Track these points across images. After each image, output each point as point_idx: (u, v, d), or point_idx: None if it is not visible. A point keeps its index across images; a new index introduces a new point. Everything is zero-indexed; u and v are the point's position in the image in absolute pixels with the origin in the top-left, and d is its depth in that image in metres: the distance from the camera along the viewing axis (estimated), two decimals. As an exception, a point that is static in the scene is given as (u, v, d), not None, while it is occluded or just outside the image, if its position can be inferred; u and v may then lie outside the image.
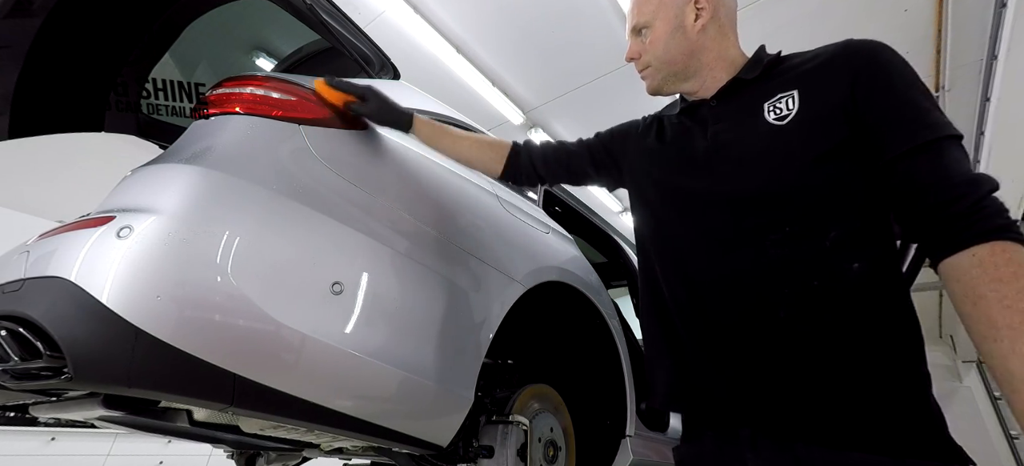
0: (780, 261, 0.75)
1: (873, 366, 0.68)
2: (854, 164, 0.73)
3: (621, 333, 1.84)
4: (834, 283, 0.71)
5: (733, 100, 0.89)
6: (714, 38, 0.92)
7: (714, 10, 0.91)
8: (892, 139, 0.70)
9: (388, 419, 1.05)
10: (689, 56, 0.92)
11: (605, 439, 1.82)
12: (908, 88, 0.72)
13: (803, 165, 0.75)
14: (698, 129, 0.91)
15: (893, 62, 0.75)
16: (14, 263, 0.86)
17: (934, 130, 0.68)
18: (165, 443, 4.43)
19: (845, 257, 0.71)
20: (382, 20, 3.54)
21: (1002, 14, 2.79)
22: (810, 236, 0.73)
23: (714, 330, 0.80)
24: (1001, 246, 0.61)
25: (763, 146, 0.80)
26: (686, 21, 0.91)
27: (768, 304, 0.75)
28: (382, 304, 1.04)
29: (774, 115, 0.80)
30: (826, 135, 0.74)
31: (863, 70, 0.75)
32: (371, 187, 1.12)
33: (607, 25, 3.59)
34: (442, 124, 1.28)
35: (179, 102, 1.79)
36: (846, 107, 0.74)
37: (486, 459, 1.32)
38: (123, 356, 0.73)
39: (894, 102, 0.72)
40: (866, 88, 0.73)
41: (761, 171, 0.79)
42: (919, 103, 0.71)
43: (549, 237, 1.70)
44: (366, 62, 1.46)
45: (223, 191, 0.91)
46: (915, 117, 0.70)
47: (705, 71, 0.93)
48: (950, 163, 0.67)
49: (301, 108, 1.09)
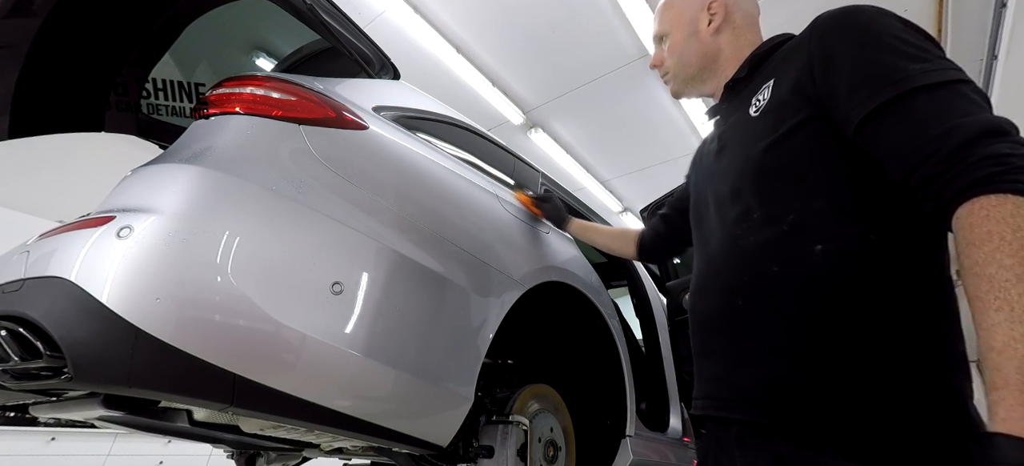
0: (747, 249, 0.74)
1: (842, 358, 0.63)
2: (820, 141, 0.69)
3: (621, 333, 1.84)
4: (792, 268, 0.68)
5: (732, 101, 0.92)
6: (729, 41, 0.94)
7: (727, 14, 0.94)
8: (852, 106, 0.64)
9: (388, 419, 1.05)
10: (704, 59, 0.95)
11: (605, 439, 1.82)
12: (869, 46, 0.65)
13: (760, 151, 0.74)
14: (715, 131, 0.96)
15: (851, 24, 0.69)
16: (14, 263, 0.86)
17: (899, 84, 0.60)
18: (165, 443, 4.43)
19: (806, 240, 0.67)
20: (382, 20, 3.54)
21: (1002, 14, 2.78)
22: (771, 222, 0.71)
23: (701, 326, 0.83)
24: (979, 203, 0.52)
25: (740, 138, 0.82)
26: (700, 26, 0.95)
27: (731, 293, 0.75)
28: (382, 304, 1.04)
29: (754, 108, 0.81)
30: (783, 119, 0.73)
31: (817, 42, 0.71)
32: (371, 187, 1.12)
33: (607, 25, 3.59)
34: (588, 223, 1.62)
35: (179, 102, 1.79)
36: (803, 86, 0.71)
37: (486, 459, 1.32)
38: (123, 356, 0.73)
39: (851, 65, 0.66)
40: (821, 60, 0.69)
41: (735, 163, 0.80)
42: (881, 60, 0.63)
43: (549, 237, 1.70)
44: (366, 62, 1.45)
45: (223, 191, 0.91)
46: (875, 75, 0.63)
47: (720, 73, 0.95)
48: (918, 118, 0.59)
49: (301, 108, 1.09)
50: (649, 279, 2.42)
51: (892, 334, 0.61)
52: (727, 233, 0.79)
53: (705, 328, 0.82)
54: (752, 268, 0.73)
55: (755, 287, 0.72)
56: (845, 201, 0.67)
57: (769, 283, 0.70)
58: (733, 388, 0.74)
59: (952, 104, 0.58)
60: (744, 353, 0.73)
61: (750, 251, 0.74)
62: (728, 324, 0.76)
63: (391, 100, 1.43)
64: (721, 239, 0.80)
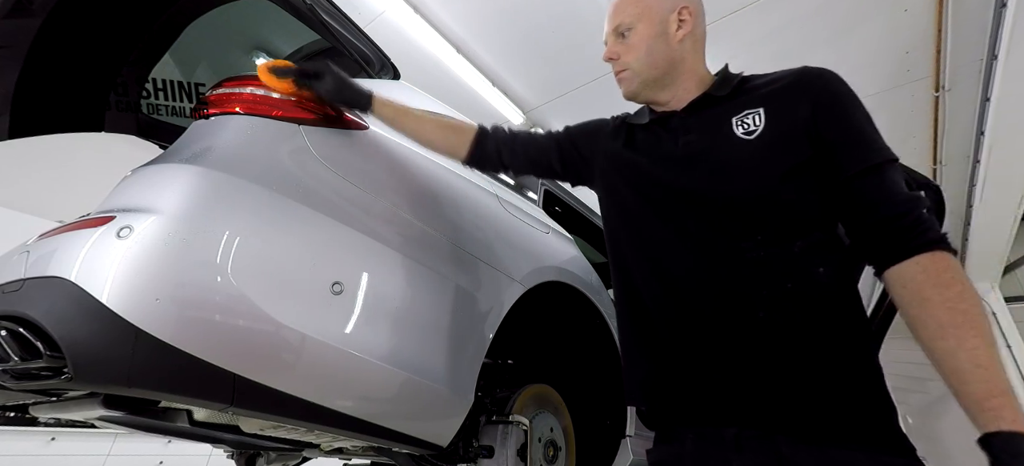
0: (757, 264, 0.79)
1: (838, 361, 0.75)
2: (814, 180, 0.81)
3: (621, 333, 1.84)
4: (805, 285, 0.77)
5: (702, 114, 0.92)
6: (690, 51, 0.96)
7: (693, 25, 0.95)
8: (848, 160, 0.79)
9: (388, 419, 1.05)
10: (669, 64, 0.95)
11: (605, 439, 1.82)
12: (859, 115, 0.82)
13: (773, 179, 0.81)
14: (669, 137, 0.94)
15: (846, 92, 0.84)
16: (14, 263, 0.86)
17: (880, 154, 0.78)
18: (165, 443, 4.43)
19: (812, 262, 0.78)
20: (382, 20, 3.54)
21: (1002, 14, 2.78)
22: (780, 243, 0.79)
23: (692, 326, 0.83)
24: (941, 255, 0.70)
25: (735, 156, 0.85)
26: (669, 28, 0.94)
27: (748, 304, 0.79)
28: (382, 304, 1.04)
29: (742, 129, 0.86)
30: (792, 152, 0.81)
31: (822, 95, 0.83)
32: (371, 187, 1.12)
33: (607, 25, 3.59)
34: (405, 106, 1.18)
35: (179, 102, 1.79)
36: (808, 129, 0.81)
37: (486, 459, 1.32)
38: (123, 356, 0.73)
39: (847, 127, 0.81)
40: (825, 112, 0.81)
41: (735, 179, 0.84)
42: (866, 129, 0.81)
43: (549, 237, 1.70)
44: (366, 62, 1.46)
45: (223, 191, 0.91)
46: (864, 141, 0.80)
47: (680, 82, 0.96)
48: (892, 184, 0.77)
49: (301, 108, 1.09)
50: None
51: (862, 339, 0.78)
52: (721, 244, 0.82)
53: (711, 336, 0.80)
54: (769, 284, 0.78)
55: (774, 301, 0.77)
56: (830, 237, 0.81)
57: (785, 297, 0.77)
58: (748, 395, 0.77)
59: (900, 178, 0.78)
60: (766, 361, 0.76)
61: (764, 267, 0.79)
62: (747, 335, 0.78)
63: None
64: (716, 246, 0.82)
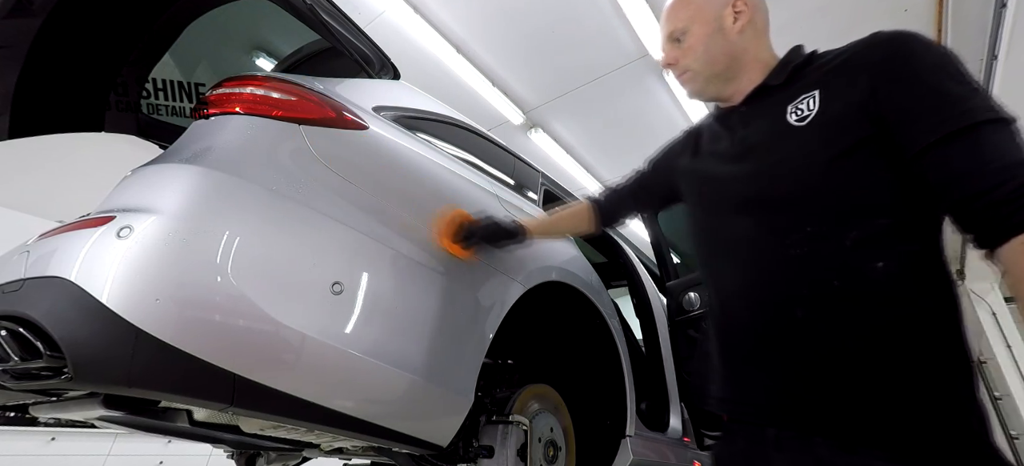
0: (799, 261, 0.75)
1: (895, 366, 0.67)
2: (878, 161, 0.71)
3: (621, 333, 1.84)
4: (855, 283, 0.70)
5: (760, 104, 0.89)
6: (752, 40, 0.92)
7: (752, 13, 0.92)
8: (918, 131, 0.67)
9: (388, 419, 1.05)
10: (730, 58, 0.93)
11: (605, 439, 1.82)
12: (935, 75, 0.69)
13: (821, 165, 0.74)
14: (727, 135, 0.93)
15: (916, 51, 0.71)
16: (14, 263, 0.86)
17: (967, 116, 0.65)
18: (165, 443, 4.43)
19: (868, 256, 0.70)
20: (382, 20, 3.54)
21: (1002, 14, 2.78)
22: (831, 236, 0.73)
23: (738, 330, 0.83)
24: None
25: (784, 147, 0.80)
26: (726, 23, 0.92)
27: (787, 304, 0.75)
28: (382, 304, 1.04)
29: (795, 116, 0.80)
30: (844, 134, 0.73)
31: (882, 63, 0.72)
32: (371, 187, 1.12)
33: (607, 25, 3.59)
34: (543, 219, 1.48)
35: (179, 102, 1.79)
36: (866, 105, 0.72)
37: (486, 459, 1.32)
38: (123, 356, 0.73)
39: (918, 93, 0.69)
40: (886, 82, 0.71)
41: (782, 172, 0.79)
42: (948, 90, 0.67)
43: (549, 237, 1.70)
44: (366, 62, 1.46)
45: (223, 191, 0.91)
46: (943, 105, 0.67)
47: (744, 74, 0.93)
48: (988, 148, 0.63)
49: (301, 108, 1.09)
50: (649, 279, 2.42)
51: (939, 346, 0.67)
52: (771, 243, 0.79)
53: (749, 336, 0.81)
54: (810, 281, 0.74)
55: (816, 300, 0.73)
56: (905, 222, 0.70)
57: (830, 296, 0.72)
58: (784, 396, 0.75)
59: (1010, 143, 0.63)
60: (802, 363, 0.74)
61: (806, 263, 0.74)
62: (784, 335, 0.76)
63: (391, 100, 1.43)
64: (762, 248, 0.80)
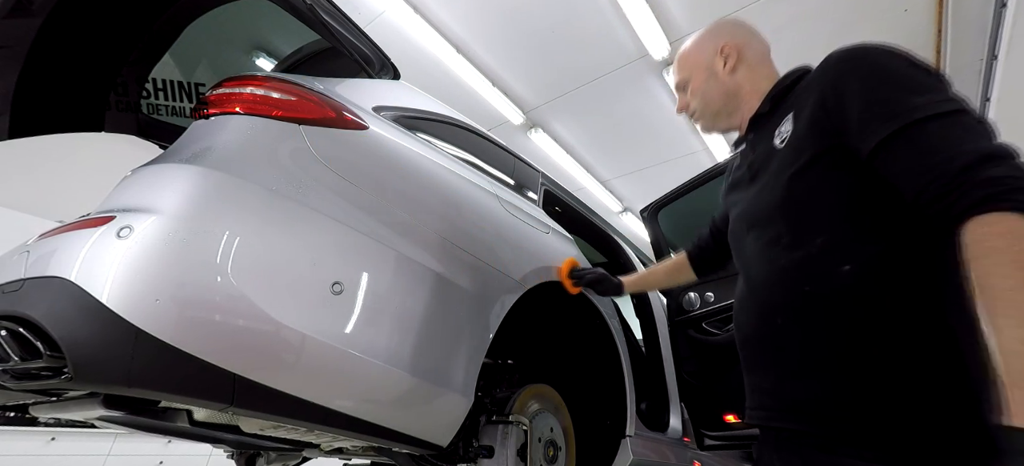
0: (781, 271, 0.82)
1: (865, 365, 0.70)
2: (837, 171, 0.76)
3: (621, 333, 1.84)
4: (824, 287, 0.75)
5: (759, 131, 0.98)
6: (746, 77, 1.02)
7: (740, 54, 1.03)
8: (866, 136, 0.71)
9: (388, 419, 1.05)
10: (727, 96, 1.03)
11: (605, 439, 1.82)
12: (876, 82, 0.72)
13: (788, 180, 0.82)
14: (744, 160, 1.03)
15: (859, 63, 0.76)
16: (14, 263, 0.86)
17: (906, 116, 0.67)
18: (165, 443, 4.43)
19: (835, 261, 0.74)
20: (382, 20, 3.54)
21: (1002, 14, 2.78)
22: (802, 245, 0.79)
23: (744, 340, 0.92)
24: (979, 221, 0.59)
25: (771, 168, 0.88)
26: (717, 68, 1.04)
27: (771, 312, 0.83)
28: (382, 304, 1.04)
29: (779, 139, 0.88)
30: (805, 150, 0.80)
31: (831, 79, 0.78)
32: (371, 187, 1.12)
33: (607, 25, 3.59)
34: (642, 275, 1.65)
35: (179, 102, 1.79)
36: (820, 120, 0.78)
37: (486, 459, 1.32)
38: (123, 356, 0.73)
39: (862, 101, 0.72)
40: (834, 96, 0.76)
41: (766, 191, 0.88)
42: (888, 95, 0.70)
43: (549, 237, 1.70)
44: (366, 62, 1.46)
45: (223, 191, 0.91)
46: (884, 110, 0.70)
47: (743, 105, 1.02)
48: (924, 144, 0.65)
49: (301, 108, 1.09)
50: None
51: (910, 342, 0.68)
52: (762, 256, 0.87)
53: (750, 344, 0.91)
54: (787, 289, 0.80)
55: (791, 307, 0.79)
56: (865, 225, 0.74)
57: (804, 302, 0.77)
58: (777, 399, 0.83)
59: (954, 133, 0.64)
60: (786, 367, 0.81)
61: (784, 272, 0.81)
62: (770, 341, 0.84)
63: (391, 100, 1.43)
64: (757, 261, 0.89)
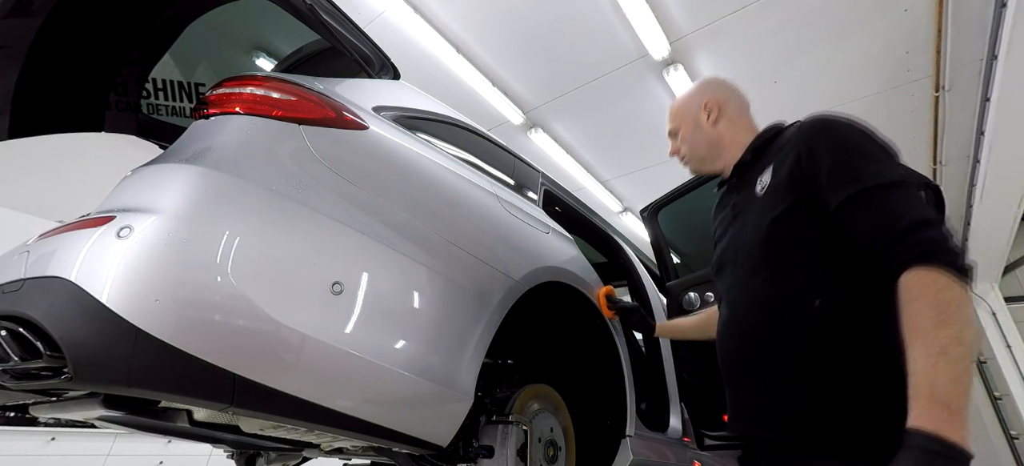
0: (763, 301, 0.96)
1: (836, 385, 0.84)
2: (810, 219, 0.90)
3: (621, 333, 1.84)
4: (799, 317, 0.89)
5: (742, 177, 1.13)
6: (727, 129, 1.18)
7: (721, 108, 1.19)
8: (830, 195, 0.87)
9: (388, 419, 1.05)
10: (709, 145, 1.20)
11: (605, 439, 1.82)
12: (843, 152, 0.88)
13: (768, 224, 0.96)
14: (729, 201, 1.17)
15: (829, 135, 0.91)
16: (14, 263, 0.86)
17: (862, 182, 0.83)
18: (165, 443, 4.43)
19: (808, 295, 0.89)
20: (382, 20, 3.54)
21: (1002, 14, 2.78)
22: (780, 280, 0.94)
23: (729, 361, 1.04)
24: (912, 272, 0.75)
25: (752, 211, 1.03)
26: (701, 120, 1.20)
27: (752, 336, 0.97)
28: (382, 304, 1.04)
29: (760, 187, 1.03)
30: (782, 200, 0.95)
31: (805, 142, 0.93)
32: (371, 187, 1.12)
33: (607, 25, 3.59)
34: (675, 323, 1.78)
35: (179, 102, 1.79)
36: (794, 174, 0.93)
37: (486, 459, 1.32)
38: (123, 356, 0.73)
39: (830, 166, 0.88)
40: (808, 158, 0.91)
41: (748, 232, 1.02)
42: (851, 163, 0.87)
43: (549, 237, 1.70)
44: (366, 62, 1.46)
45: (223, 191, 0.91)
46: (847, 175, 0.86)
47: (726, 153, 1.18)
48: (878, 207, 0.82)
49: (301, 108, 1.09)
50: (649, 279, 2.42)
51: (864, 365, 0.83)
52: (745, 287, 1.01)
53: (733, 362, 1.03)
54: (768, 316, 0.94)
55: (771, 332, 0.93)
56: (832, 267, 0.88)
57: (782, 329, 0.92)
58: (756, 412, 0.96)
59: (900, 200, 0.81)
60: (766, 384, 0.94)
61: (764, 303, 0.96)
62: (752, 361, 0.97)
63: (391, 100, 1.43)
64: (740, 291, 1.03)
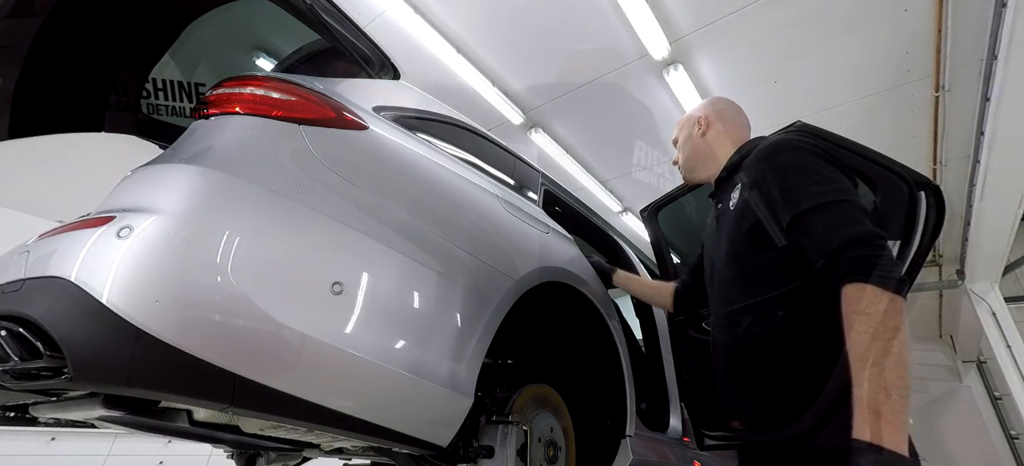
0: (738, 311, 1.09)
1: (799, 386, 0.95)
2: (770, 238, 1.01)
3: (621, 333, 1.84)
4: (767, 325, 1.02)
5: (721, 191, 1.28)
6: (715, 142, 1.35)
7: (710, 124, 1.38)
8: (780, 214, 0.98)
9: (388, 419, 1.05)
10: (699, 155, 1.39)
11: (605, 439, 1.82)
12: (791, 175, 0.99)
13: (739, 240, 1.09)
14: (715, 208, 1.30)
15: (775, 161, 1.03)
16: (14, 263, 0.86)
17: (806, 202, 0.93)
18: (165, 443, 4.43)
19: (774, 307, 1.01)
20: (382, 20, 3.54)
21: (1002, 14, 2.78)
22: (751, 292, 1.06)
23: (718, 362, 1.16)
24: (849, 288, 0.82)
25: (726, 224, 1.16)
26: (694, 133, 1.40)
27: (732, 342, 1.10)
28: (382, 304, 1.04)
29: (731, 202, 1.16)
30: (746, 218, 1.08)
31: (759, 167, 1.06)
32: (371, 187, 1.12)
33: (607, 26, 3.59)
34: (631, 276, 1.94)
35: (179, 102, 1.79)
36: (754, 197, 1.05)
37: (486, 459, 1.32)
38: (123, 356, 0.73)
39: (780, 188, 1.00)
40: (763, 180, 1.04)
41: (725, 240, 1.16)
42: (797, 186, 0.97)
43: (549, 237, 1.70)
44: (366, 62, 1.46)
45: (223, 191, 0.91)
46: (794, 196, 0.96)
47: (712, 164, 1.34)
48: (819, 225, 0.91)
49: (301, 108, 1.09)
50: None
51: (819, 369, 0.91)
52: (725, 295, 1.14)
53: (722, 362, 1.15)
54: (743, 324, 1.07)
55: (745, 338, 1.06)
56: (792, 279, 0.99)
57: (754, 336, 1.05)
58: (742, 412, 1.07)
59: (837, 217, 0.89)
60: (746, 386, 1.06)
61: (739, 312, 1.08)
62: (735, 364, 1.10)
63: (391, 100, 1.43)
64: (721, 299, 1.15)
